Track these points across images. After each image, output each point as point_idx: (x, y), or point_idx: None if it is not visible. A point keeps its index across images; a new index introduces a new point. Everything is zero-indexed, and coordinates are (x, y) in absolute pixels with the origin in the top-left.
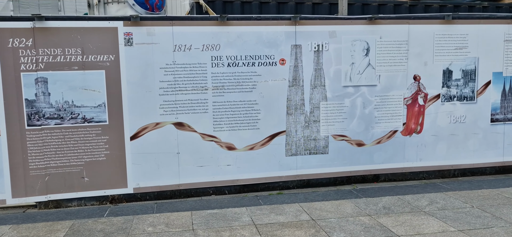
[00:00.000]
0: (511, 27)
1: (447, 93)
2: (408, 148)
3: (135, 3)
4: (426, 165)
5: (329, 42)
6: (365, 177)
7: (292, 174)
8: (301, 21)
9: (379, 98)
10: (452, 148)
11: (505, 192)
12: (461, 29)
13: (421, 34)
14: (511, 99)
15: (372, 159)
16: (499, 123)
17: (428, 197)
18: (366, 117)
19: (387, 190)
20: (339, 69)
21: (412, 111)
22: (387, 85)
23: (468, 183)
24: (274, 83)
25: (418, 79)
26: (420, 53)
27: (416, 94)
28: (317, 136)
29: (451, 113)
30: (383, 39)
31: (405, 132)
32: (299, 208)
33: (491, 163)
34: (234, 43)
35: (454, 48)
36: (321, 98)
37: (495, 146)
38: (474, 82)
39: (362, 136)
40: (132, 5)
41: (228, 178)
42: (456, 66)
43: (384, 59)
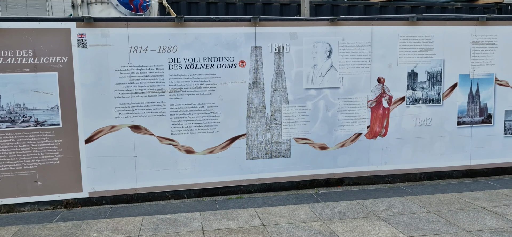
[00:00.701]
0: (478, 28)
1: (412, 96)
2: (372, 151)
3: (118, 3)
4: (391, 168)
5: (290, 43)
6: (329, 180)
7: (253, 177)
8: (261, 22)
9: (342, 101)
10: (418, 151)
11: (466, 197)
12: (426, 31)
13: (385, 36)
14: (478, 102)
15: (335, 163)
16: (466, 126)
17: (387, 201)
18: (329, 120)
19: (348, 194)
20: (301, 71)
21: (377, 114)
22: (350, 88)
23: (433, 187)
24: (233, 86)
25: (383, 81)
26: (384, 55)
27: (381, 97)
28: (279, 139)
29: (416, 116)
30: (346, 41)
31: (370, 135)
32: (254, 213)
33: (458, 167)
34: (192, 44)
35: (419, 50)
36: (283, 101)
37: (462, 149)
38: (440, 85)
39: (325, 139)
40: (115, 6)
41: (187, 182)
42: (421, 68)
43: (347, 61)
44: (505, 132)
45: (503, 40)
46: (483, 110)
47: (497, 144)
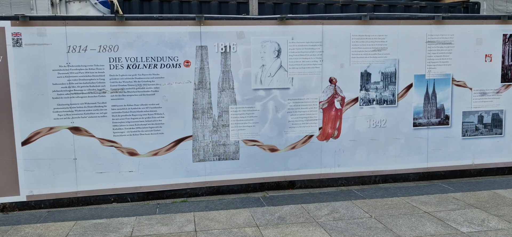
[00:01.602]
0: (433, 27)
1: (365, 96)
2: (325, 154)
3: (97, 2)
4: (345, 171)
5: (237, 43)
6: (280, 183)
7: (200, 180)
8: (206, 21)
9: (292, 102)
10: (372, 154)
11: (415, 200)
12: (379, 30)
13: (336, 35)
14: (434, 103)
15: (286, 165)
16: (422, 127)
17: (333, 205)
18: (279, 122)
19: (296, 198)
20: (249, 71)
21: (329, 115)
22: (301, 88)
23: (385, 190)
24: (178, 86)
25: (335, 82)
26: (336, 55)
27: (333, 98)
28: (227, 141)
29: (370, 117)
30: (295, 41)
31: (322, 137)
32: (191, 218)
33: (414, 169)
34: (134, 44)
35: (373, 50)
36: (230, 101)
37: (418, 151)
38: (394, 85)
39: (275, 141)
40: (94, 4)
41: (130, 185)
42: (375, 68)
43: (297, 61)
44: (463, 134)
45: (460, 40)
46: (440, 112)
47: (455, 146)
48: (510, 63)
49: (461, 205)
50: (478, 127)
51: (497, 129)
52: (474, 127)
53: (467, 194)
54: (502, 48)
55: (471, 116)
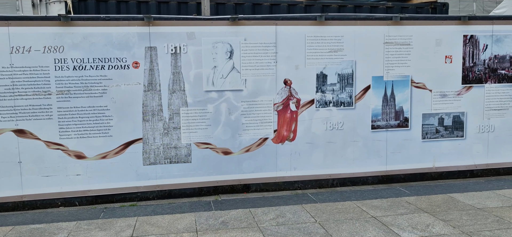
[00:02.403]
0: (391, 28)
1: (322, 98)
2: (280, 157)
3: None
4: (301, 174)
5: (188, 44)
6: (234, 187)
7: (151, 184)
8: (155, 21)
9: (246, 104)
10: (330, 157)
11: (366, 205)
12: (335, 31)
13: (290, 36)
14: (393, 105)
15: (241, 168)
16: (381, 130)
17: (281, 210)
18: (233, 124)
19: (248, 202)
20: (200, 73)
21: (284, 117)
22: (254, 90)
23: (340, 194)
24: (127, 88)
25: (289, 83)
26: (291, 56)
27: (288, 100)
28: (178, 144)
29: (327, 119)
30: (248, 41)
31: (277, 140)
32: (132, 223)
33: (373, 172)
34: (80, 45)
35: (328, 51)
36: (181, 103)
37: (377, 154)
38: (351, 87)
39: (228, 144)
40: None
41: (78, 189)
42: (331, 70)
43: (250, 62)
44: (423, 136)
45: (419, 41)
46: (399, 114)
47: (415, 149)
48: (471, 64)
49: (411, 210)
50: (438, 129)
51: (459, 131)
52: (434, 129)
53: (421, 198)
54: (462, 49)
55: (431, 118)
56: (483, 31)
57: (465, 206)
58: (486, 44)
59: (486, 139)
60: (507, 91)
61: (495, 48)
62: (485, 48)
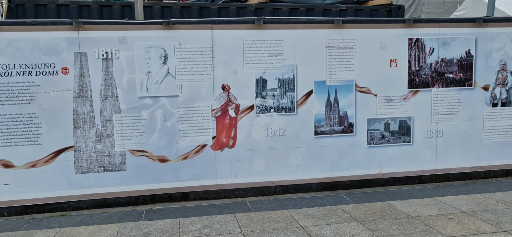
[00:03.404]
0: (333, 32)
1: (262, 104)
2: (220, 164)
3: None
4: (242, 182)
5: (120, 49)
6: (172, 195)
7: (84, 193)
8: (85, 26)
9: (182, 110)
10: (272, 163)
11: (301, 213)
12: (275, 34)
13: (228, 40)
14: (337, 110)
15: (179, 176)
16: (324, 135)
17: (211, 219)
18: (169, 131)
19: (182, 211)
20: (134, 78)
21: (223, 124)
22: (191, 96)
23: (278, 202)
24: (56, 95)
25: (228, 89)
26: (229, 60)
27: (226, 106)
28: (112, 152)
29: (268, 125)
30: (183, 46)
31: (216, 146)
32: (52, 235)
33: (317, 179)
34: (5, 50)
35: (268, 55)
36: (114, 110)
37: (321, 160)
38: (293, 92)
39: (165, 151)
40: None
41: (6, 199)
42: (271, 74)
43: (186, 67)
44: (369, 142)
45: (363, 45)
46: (343, 119)
47: (361, 155)
48: (417, 68)
49: (344, 219)
50: (384, 134)
51: (406, 137)
52: (380, 134)
53: (360, 205)
54: (408, 53)
55: (377, 123)
56: (429, 34)
57: (400, 214)
58: (433, 47)
59: (434, 144)
60: (455, 95)
61: (442, 51)
62: (431, 52)
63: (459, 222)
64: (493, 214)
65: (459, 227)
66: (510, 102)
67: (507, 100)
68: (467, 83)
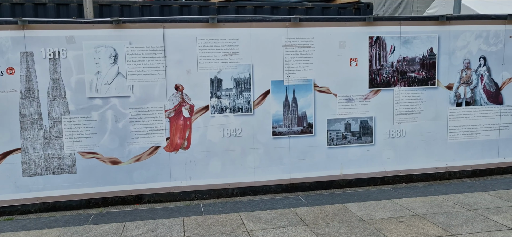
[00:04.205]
0: (290, 30)
1: (217, 104)
2: (174, 166)
3: None
4: (198, 184)
5: (68, 48)
6: (125, 198)
7: (32, 196)
8: (31, 25)
9: (134, 111)
10: (228, 165)
11: (251, 216)
12: (229, 33)
13: (180, 39)
14: (295, 110)
15: (131, 178)
16: (283, 136)
17: (157, 223)
18: (120, 132)
19: (131, 214)
20: (82, 79)
21: (177, 124)
22: (143, 96)
23: (233, 205)
24: (1, 95)
25: (181, 89)
26: (182, 60)
27: (180, 106)
28: (61, 154)
29: (224, 126)
30: (134, 45)
31: (170, 148)
32: None
33: (276, 181)
34: None
35: (223, 55)
36: (63, 111)
37: (280, 162)
38: (249, 92)
39: (116, 153)
40: None
41: None
42: (226, 74)
43: (137, 67)
44: (329, 143)
45: (321, 43)
46: (302, 120)
47: (321, 156)
48: (378, 67)
49: (294, 222)
50: (345, 135)
51: (367, 137)
52: (341, 135)
53: (314, 208)
54: (368, 52)
55: (337, 124)
56: (390, 33)
57: (352, 217)
58: (394, 46)
59: (397, 144)
60: (417, 94)
61: (404, 50)
62: (393, 50)
63: (409, 225)
64: (447, 216)
65: (407, 230)
66: (475, 101)
67: (471, 100)
68: (430, 82)
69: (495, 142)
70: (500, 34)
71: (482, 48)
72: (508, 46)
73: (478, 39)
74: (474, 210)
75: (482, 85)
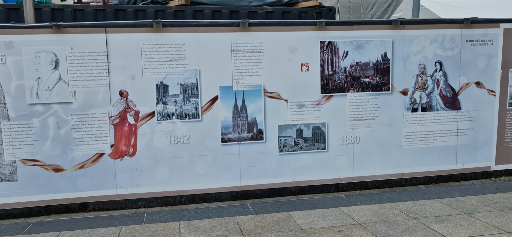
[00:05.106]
0: (239, 35)
1: (163, 110)
2: (120, 173)
3: None
4: (144, 191)
5: (6, 54)
6: (69, 206)
7: None
8: None
9: (77, 117)
10: (176, 172)
11: (191, 226)
12: (175, 38)
13: (124, 44)
14: (245, 116)
15: (75, 186)
16: (232, 143)
17: (91, 233)
18: (63, 139)
19: (71, 223)
20: (23, 84)
21: (122, 131)
22: (86, 103)
23: (178, 213)
24: None
25: (126, 95)
26: (126, 65)
27: (125, 112)
28: (1, 161)
29: (171, 133)
30: (76, 50)
31: (115, 155)
32: None
33: (226, 188)
34: None
35: (169, 60)
36: (3, 118)
37: (229, 169)
38: (197, 98)
39: (59, 160)
40: None
41: None
42: (172, 80)
43: (79, 73)
44: (281, 149)
45: (271, 48)
46: (252, 126)
47: (272, 163)
48: (330, 72)
49: (231, 232)
50: (297, 141)
51: (320, 143)
52: (292, 141)
53: (257, 216)
54: (320, 57)
55: (289, 130)
56: (343, 37)
57: (292, 226)
58: (347, 50)
59: (351, 151)
60: (372, 100)
61: (357, 55)
62: (345, 55)
63: (346, 235)
64: (388, 225)
65: None
66: (431, 107)
67: (427, 105)
68: (384, 87)
69: (453, 148)
70: (456, 38)
71: (437, 53)
72: (464, 50)
73: (434, 44)
74: (418, 218)
75: (438, 91)
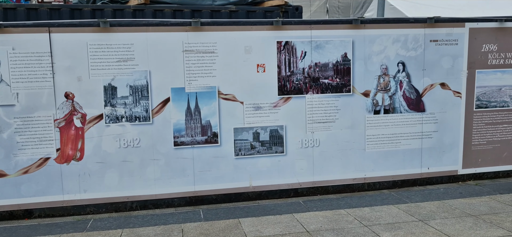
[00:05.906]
0: (190, 35)
1: (112, 113)
2: (67, 178)
3: None
4: (93, 197)
5: None
6: (14, 212)
7: None
8: None
9: (20, 121)
10: (126, 177)
11: (133, 234)
12: (123, 38)
13: (70, 44)
14: (199, 119)
15: (20, 192)
16: (186, 146)
17: None
18: (6, 143)
19: (11, 231)
20: None
21: (68, 134)
22: (29, 105)
23: (124, 220)
24: None
25: (72, 97)
26: (72, 66)
27: (71, 115)
28: None
29: (120, 136)
30: (18, 51)
31: (61, 159)
32: None
33: (179, 193)
34: None
35: (117, 61)
36: None
37: (183, 173)
38: (147, 100)
39: (2, 165)
40: None
41: None
42: (121, 81)
43: (22, 74)
44: (236, 153)
45: (225, 48)
46: (206, 129)
47: (227, 167)
48: (288, 73)
49: None
50: (254, 145)
51: (278, 147)
52: (249, 145)
53: (205, 224)
54: (277, 57)
55: (245, 133)
56: (300, 37)
57: (239, 234)
58: (305, 51)
59: (311, 154)
60: (332, 102)
61: (316, 55)
62: (303, 56)
63: None
64: (337, 234)
65: None
66: (394, 109)
67: (390, 107)
68: (345, 89)
69: (417, 151)
70: (420, 38)
71: (400, 53)
72: (428, 51)
73: (396, 44)
74: (370, 226)
75: (401, 92)
